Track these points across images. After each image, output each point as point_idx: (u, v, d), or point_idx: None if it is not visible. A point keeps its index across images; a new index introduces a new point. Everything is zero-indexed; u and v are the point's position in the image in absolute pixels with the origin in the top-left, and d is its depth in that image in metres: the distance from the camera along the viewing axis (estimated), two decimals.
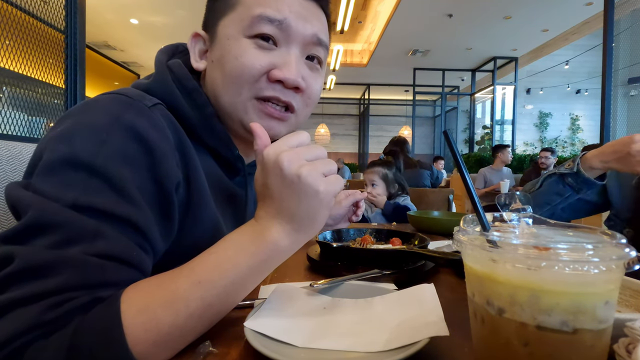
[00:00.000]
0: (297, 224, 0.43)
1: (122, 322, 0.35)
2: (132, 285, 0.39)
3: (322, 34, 0.59)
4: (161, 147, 0.46)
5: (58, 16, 2.07)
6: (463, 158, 1.11)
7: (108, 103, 0.47)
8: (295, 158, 0.42)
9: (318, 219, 0.44)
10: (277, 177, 0.42)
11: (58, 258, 0.36)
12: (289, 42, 0.56)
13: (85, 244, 0.38)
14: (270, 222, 0.44)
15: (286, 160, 0.42)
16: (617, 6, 3.08)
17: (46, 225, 0.37)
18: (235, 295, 0.43)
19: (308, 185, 0.41)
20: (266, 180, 0.44)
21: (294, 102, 0.57)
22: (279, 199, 0.43)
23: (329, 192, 0.42)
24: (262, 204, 0.45)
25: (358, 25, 7.17)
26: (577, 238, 0.35)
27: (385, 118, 11.58)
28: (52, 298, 0.34)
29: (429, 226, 1.24)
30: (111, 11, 5.83)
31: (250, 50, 0.54)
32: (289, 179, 0.41)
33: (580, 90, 9.71)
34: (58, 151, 0.41)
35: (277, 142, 0.45)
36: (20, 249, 0.36)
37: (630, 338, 0.33)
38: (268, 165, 0.43)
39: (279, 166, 0.42)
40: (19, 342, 0.32)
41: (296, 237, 0.44)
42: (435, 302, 0.46)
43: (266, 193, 0.44)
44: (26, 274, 0.35)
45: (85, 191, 0.40)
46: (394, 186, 2.11)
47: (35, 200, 0.39)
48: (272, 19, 0.54)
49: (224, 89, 0.56)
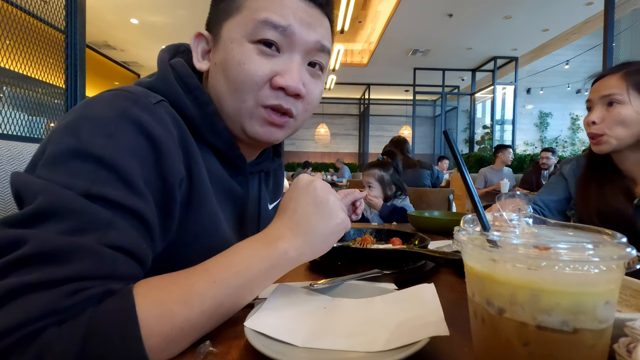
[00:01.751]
0: (310, 239, 0.48)
1: (137, 314, 0.35)
2: (143, 281, 0.39)
3: (326, 40, 0.59)
4: (166, 143, 0.47)
5: (58, 16, 2.07)
6: (463, 158, 1.11)
7: (113, 98, 0.47)
8: (326, 187, 0.52)
9: (328, 241, 0.51)
10: (309, 196, 0.50)
11: (73, 245, 0.35)
12: (291, 48, 0.56)
13: (99, 234, 0.37)
14: (285, 232, 0.48)
15: (320, 185, 0.51)
16: (618, 6, 3.07)
17: (59, 211, 0.37)
18: (245, 297, 0.44)
19: (333, 210, 0.50)
20: (296, 196, 0.51)
21: (294, 108, 0.58)
22: (303, 213, 0.49)
23: (344, 222, 0.51)
24: (283, 215, 0.50)
25: (358, 25, 7.17)
26: (578, 238, 0.35)
27: (386, 118, 11.57)
28: (68, 285, 0.34)
29: (429, 226, 1.24)
30: (111, 11, 5.83)
31: (253, 57, 0.54)
32: (319, 199, 0.50)
33: (581, 90, 9.70)
34: (64, 143, 0.41)
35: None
36: (33, 232, 0.35)
37: (631, 338, 0.32)
38: (302, 184, 0.52)
39: (313, 187, 0.51)
40: (32, 327, 0.32)
41: (304, 251, 0.48)
42: (435, 302, 0.46)
43: (290, 206, 0.50)
44: (40, 259, 0.34)
45: (96, 181, 0.39)
46: (390, 188, 2.10)
47: (46, 186, 0.38)
48: (276, 25, 0.54)
49: (228, 95, 0.56)
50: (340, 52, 7.05)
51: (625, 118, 0.98)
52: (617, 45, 3.07)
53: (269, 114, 0.57)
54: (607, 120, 1.01)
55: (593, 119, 1.03)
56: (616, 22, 3.08)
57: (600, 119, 1.02)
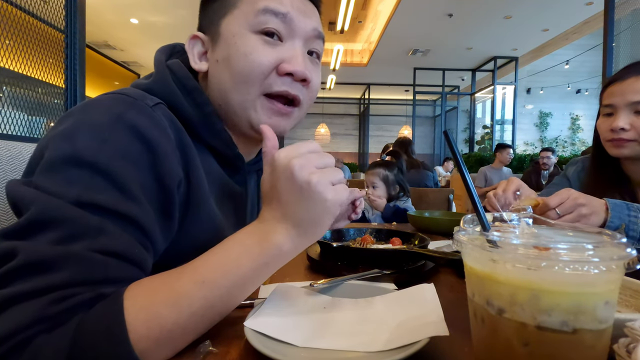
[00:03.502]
0: (302, 229, 0.44)
1: (125, 318, 0.35)
2: (135, 283, 0.39)
3: (320, 27, 0.62)
4: (163, 145, 0.47)
5: (58, 16, 2.07)
6: (463, 158, 1.11)
7: (110, 102, 0.47)
8: (306, 164, 0.43)
9: (322, 225, 0.44)
10: (287, 181, 0.43)
11: (62, 253, 0.36)
12: (293, 36, 0.58)
13: (88, 240, 0.38)
14: (275, 225, 0.44)
15: (297, 165, 0.42)
16: (618, 6, 3.07)
17: (49, 221, 0.37)
18: (237, 297, 0.43)
19: (317, 193, 0.42)
20: (275, 183, 0.44)
21: (301, 94, 0.59)
22: (286, 202, 0.43)
23: (335, 201, 0.43)
24: (268, 206, 0.45)
25: (358, 25, 7.17)
26: (577, 238, 0.35)
27: (386, 118, 11.56)
28: (56, 293, 0.34)
29: (429, 226, 1.24)
30: (111, 11, 5.83)
31: (258, 47, 0.55)
32: (298, 184, 0.42)
33: (581, 90, 9.70)
34: (60, 149, 0.42)
35: (288, 147, 0.45)
36: (24, 244, 0.36)
37: (631, 338, 0.32)
38: (279, 168, 0.43)
39: (290, 170, 0.42)
40: (22, 336, 0.32)
41: (299, 241, 0.44)
42: (435, 302, 0.46)
43: (273, 195, 0.44)
44: (30, 269, 0.35)
45: (88, 188, 0.40)
46: (394, 188, 2.10)
47: (38, 196, 0.39)
48: (276, 12, 0.56)
49: (234, 88, 0.57)
50: (340, 52, 7.05)
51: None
52: (617, 45, 3.07)
53: (274, 103, 0.58)
54: (638, 126, 0.96)
55: (622, 126, 0.97)
56: (616, 22, 3.08)
57: (629, 125, 0.97)
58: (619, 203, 0.85)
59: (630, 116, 0.98)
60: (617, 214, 0.83)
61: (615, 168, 1.07)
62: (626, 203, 0.85)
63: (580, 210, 0.82)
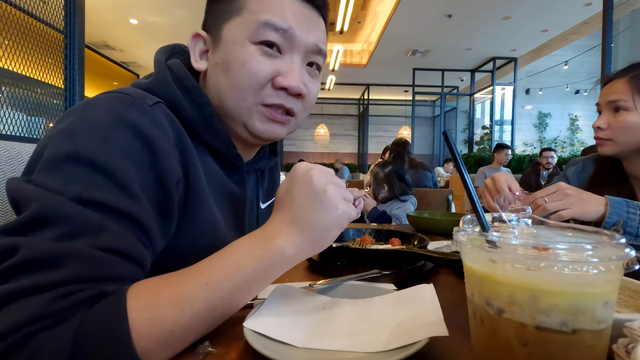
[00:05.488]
0: (308, 235, 0.45)
1: (128, 317, 0.35)
2: (138, 283, 0.39)
3: (322, 43, 0.61)
4: (162, 144, 0.47)
5: (57, 16, 2.07)
6: (462, 158, 1.12)
7: (110, 101, 0.47)
8: (324, 175, 0.46)
9: (329, 235, 0.46)
10: (305, 187, 0.45)
11: (64, 250, 0.36)
12: (292, 50, 0.58)
13: (90, 238, 0.38)
14: (282, 229, 0.45)
15: (317, 174, 0.46)
16: (616, 7, 3.08)
17: (51, 217, 0.37)
18: (240, 299, 0.43)
19: (331, 201, 0.45)
20: (292, 187, 0.46)
21: (295, 107, 0.60)
22: (299, 206, 0.45)
23: (345, 213, 0.46)
24: (280, 210, 0.47)
25: (358, 26, 7.17)
26: (576, 238, 0.35)
27: (385, 118, 11.57)
28: (58, 290, 0.34)
29: (429, 226, 1.24)
30: (110, 11, 5.83)
31: (256, 57, 0.55)
32: (315, 189, 0.45)
33: (580, 90, 9.73)
34: (60, 147, 0.42)
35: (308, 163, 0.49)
36: (25, 240, 0.36)
37: (630, 338, 0.33)
38: (298, 174, 0.47)
39: (309, 177, 0.46)
40: (23, 332, 0.32)
41: (303, 247, 0.45)
42: (434, 302, 0.46)
43: (286, 200, 0.47)
44: (32, 265, 0.35)
45: (89, 186, 0.40)
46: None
47: (39, 193, 0.39)
48: (277, 27, 0.55)
49: (230, 94, 0.57)
50: (340, 52, 7.05)
51: (630, 125, 0.97)
52: (616, 45, 3.08)
53: (271, 111, 0.58)
54: (613, 126, 1.01)
55: (599, 125, 1.03)
56: (615, 22, 3.08)
57: (606, 125, 1.02)
58: (619, 200, 0.87)
59: (609, 116, 1.03)
60: (616, 210, 0.85)
61: (618, 168, 1.09)
62: (626, 200, 0.87)
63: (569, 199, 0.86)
